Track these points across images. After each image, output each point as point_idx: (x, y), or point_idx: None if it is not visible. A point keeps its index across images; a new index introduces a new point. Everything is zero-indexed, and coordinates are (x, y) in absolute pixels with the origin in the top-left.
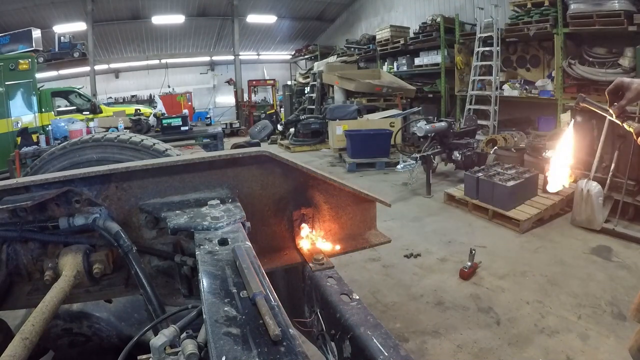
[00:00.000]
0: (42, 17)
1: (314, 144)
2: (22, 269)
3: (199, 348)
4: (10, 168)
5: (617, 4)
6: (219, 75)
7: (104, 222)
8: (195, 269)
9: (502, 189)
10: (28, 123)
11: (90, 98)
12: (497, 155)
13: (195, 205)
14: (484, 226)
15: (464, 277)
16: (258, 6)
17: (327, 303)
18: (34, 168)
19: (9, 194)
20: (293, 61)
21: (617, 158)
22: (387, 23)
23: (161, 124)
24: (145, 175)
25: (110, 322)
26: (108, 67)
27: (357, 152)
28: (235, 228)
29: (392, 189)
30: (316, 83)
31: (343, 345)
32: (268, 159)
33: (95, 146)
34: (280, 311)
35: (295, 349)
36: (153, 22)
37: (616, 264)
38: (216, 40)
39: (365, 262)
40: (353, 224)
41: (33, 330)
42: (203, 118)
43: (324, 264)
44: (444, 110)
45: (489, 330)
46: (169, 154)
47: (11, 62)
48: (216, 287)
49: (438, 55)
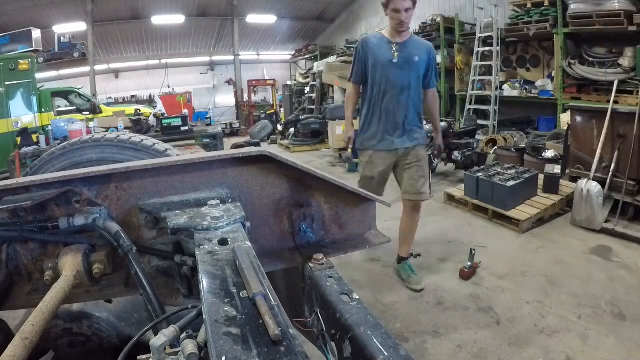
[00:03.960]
0: (42, 17)
1: (314, 144)
2: (22, 269)
3: (199, 348)
4: (10, 168)
5: (617, 4)
6: (219, 76)
7: (104, 222)
8: (195, 269)
9: (502, 189)
10: (28, 123)
11: (90, 98)
12: (497, 155)
13: (195, 205)
14: (484, 226)
15: (464, 277)
16: (258, 6)
17: (327, 303)
18: (34, 168)
19: (9, 194)
20: (293, 61)
21: (617, 158)
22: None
23: (161, 124)
24: (145, 175)
25: (110, 322)
26: (108, 67)
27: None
28: (235, 228)
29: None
30: (316, 83)
31: (343, 345)
32: (268, 159)
33: (95, 146)
34: (280, 311)
35: (295, 349)
36: (153, 22)
37: (616, 264)
38: (216, 40)
39: (365, 262)
40: (353, 224)
41: (33, 330)
42: (203, 118)
43: (324, 264)
44: (444, 110)
45: (489, 330)
46: (169, 154)
47: (11, 62)
48: (216, 287)
49: (438, 55)
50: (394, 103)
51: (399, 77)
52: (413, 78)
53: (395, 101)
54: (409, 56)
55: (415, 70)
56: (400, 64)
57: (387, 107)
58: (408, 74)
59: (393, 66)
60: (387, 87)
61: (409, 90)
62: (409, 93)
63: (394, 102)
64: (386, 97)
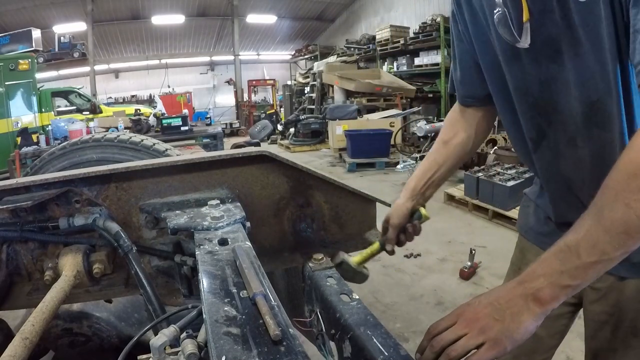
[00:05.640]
0: (42, 17)
1: (314, 144)
2: (22, 269)
3: (199, 348)
4: (10, 168)
5: None
6: (219, 75)
7: (104, 222)
8: (195, 269)
9: (502, 188)
10: (28, 123)
11: (90, 98)
12: (497, 155)
13: (195, 205)
14: (484, 226)
15: (464, 277)
16: (258, 6)
17: (327, 303)
18: (34, 168)
19: (9, 194)
20: (293, 61)
21: None
22: (387, 23)
23: (161, 124)
24: (145, 175)
25: (110, 322)
26: (108, 67)
27: (357, 152)
28: (235, 228)
29: (392, 189)
30: (316, 83)
31: (343, 345)
32: (268, 159)
33: (95, 146)
34: (280, 311)
35: (295, 348)
36: (153, 22)
37: None
38: (216, 40)
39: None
40: (353, 224)
41: (33, 330)
42: (203, 118)
43: (324, 264)
44: (444, 110)
45: None
46: (168, 154)
47: (11, 62)
48: (216, 287)
49: (438, 55)
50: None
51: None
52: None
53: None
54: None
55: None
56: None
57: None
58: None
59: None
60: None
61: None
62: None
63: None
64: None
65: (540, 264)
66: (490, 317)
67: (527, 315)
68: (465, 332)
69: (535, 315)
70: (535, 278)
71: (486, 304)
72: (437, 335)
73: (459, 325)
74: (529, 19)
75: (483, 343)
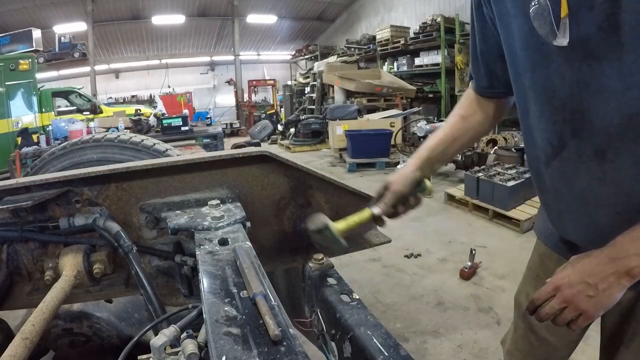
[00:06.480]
0: (42, 17)
1: (314, 144)
2: (23, 269)
3: (199, 348)
4: (10, 168)
5: None
6: (219, 76)
7: (104, 222)
8: (196, 269)
9: (502, 188)
10: (28, 123)
11: (91, 98)
12: (497, 155)
13: (196, 205)
14: (484, 226)
15: (464, 277)
16: (258, 6)
17: (327, 303)
18: (34, 168)
19: (10, 194)
20: (293, 61)
21: None
22: (387, 23)
23: (161, 124)
24: (146, 175)
25: (110, 322)
26: (108, 67)
27: (357, 152)
28: (236, 228)
29: None
30: (316, 83)
31: (343, 345)
32: (268, 159)
33: (95, 146)
34: (280, 311)
35: (295, 348)
36: (153, 22)
37: None
38: (216, 41)
39: (365, 262)
40: None
41: (33, 330)
42: (203, 118)
43: (324, 264)
44: (444, 110)
45: (489, 330)
46: (169, 154)
47: (11, 63)
48: (216, 287)
49: (438, 55)
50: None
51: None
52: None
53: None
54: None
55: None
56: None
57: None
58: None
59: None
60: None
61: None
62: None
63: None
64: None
65: (632, 242)
66: (583, 294)
67: (617, 289)
68: (563, 306)
69: (624, 287)
70: (628, 256)
71: (579, 280)
72: (541, 306)
73: (558, 300)
74: (567, 14)
75: (580, 314)
